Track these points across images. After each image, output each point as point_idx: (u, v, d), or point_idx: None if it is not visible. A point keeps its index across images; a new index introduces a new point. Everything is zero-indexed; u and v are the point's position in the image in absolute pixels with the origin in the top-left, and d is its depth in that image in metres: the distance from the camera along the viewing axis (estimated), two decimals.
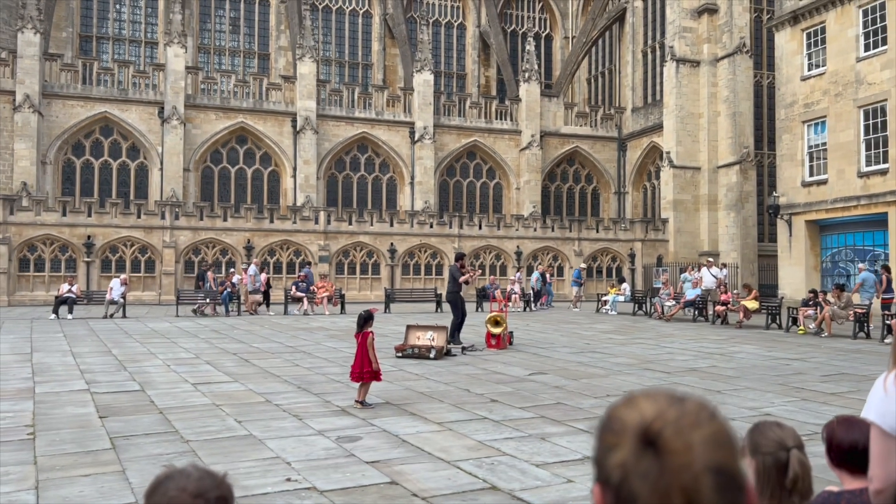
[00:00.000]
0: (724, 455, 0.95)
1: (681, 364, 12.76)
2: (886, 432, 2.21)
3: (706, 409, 0.99)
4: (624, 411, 1.00)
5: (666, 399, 0.99)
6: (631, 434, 0.96)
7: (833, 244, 26.89)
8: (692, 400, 1.00)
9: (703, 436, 0.95)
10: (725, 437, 0.98)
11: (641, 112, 42.97)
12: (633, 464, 0.94)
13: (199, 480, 1.45)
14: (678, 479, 0.92)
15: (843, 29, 25.56)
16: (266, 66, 43.82)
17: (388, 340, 15.56)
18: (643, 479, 0.93)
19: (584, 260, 37.04)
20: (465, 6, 48.45)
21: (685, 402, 0.99)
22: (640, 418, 0.97)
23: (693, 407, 0.98)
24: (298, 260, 32.62)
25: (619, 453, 0.96)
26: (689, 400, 1.00)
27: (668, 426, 0.95)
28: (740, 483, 0.96)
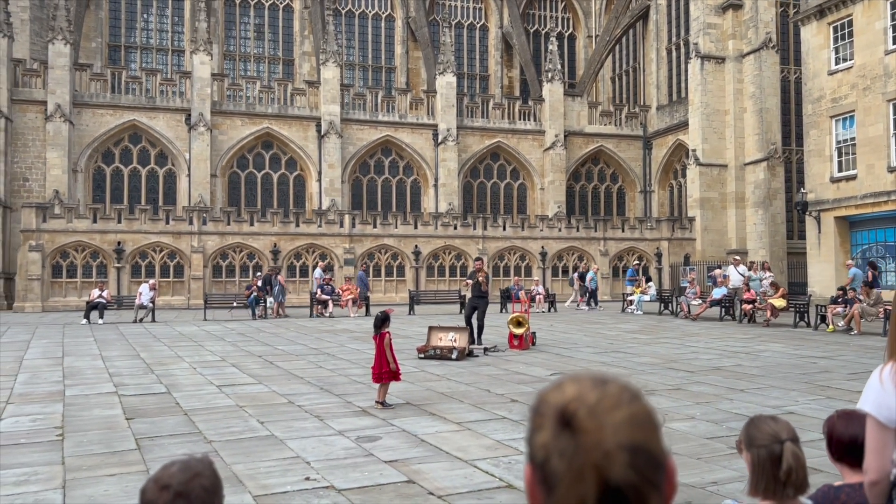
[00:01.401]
0: (642, 434, 1.00)
1: (705, 363, 12.66)
2: (882, 424, 2.22)
3: (628, 391, 1.04)
4: (550, 394, 1.05)
5: (590, 382, 1.04)
6: (551, 415, 1.01)
7: (863, 240, 26.42)
8: (616, 383, 1.04)
9: (621, 416, 0.99)
10: (644, 417, 1.02)
11: (666, 110, 42.60)
12: (552, 443, 1.00)
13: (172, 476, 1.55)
14: (590, 456, 0.97)
15: (870, 22, 25.12)
16: (290, 72, 44.27)
17: (412, 342, 15.64)
18: (561, 457, 0.98)
19: (610, 260, 36.83)
20: (487, 7, 48.46)
21: (608, 385, 1.03)
22: (561, 400, 1.02)
23: (615, 389, 1.03)
24: (324, 263, 32.87)
25: (542, 434, 1.02)
26: (612, 383, 1.04)
27: (583, 407, 0.99)
28: (657, 461, 1.01)
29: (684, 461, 6.32)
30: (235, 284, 31.11)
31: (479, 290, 15.07)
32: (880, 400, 2.21)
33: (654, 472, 1.00)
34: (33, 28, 37.60)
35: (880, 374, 2.25)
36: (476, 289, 15.12)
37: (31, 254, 28.71)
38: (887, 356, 2.31)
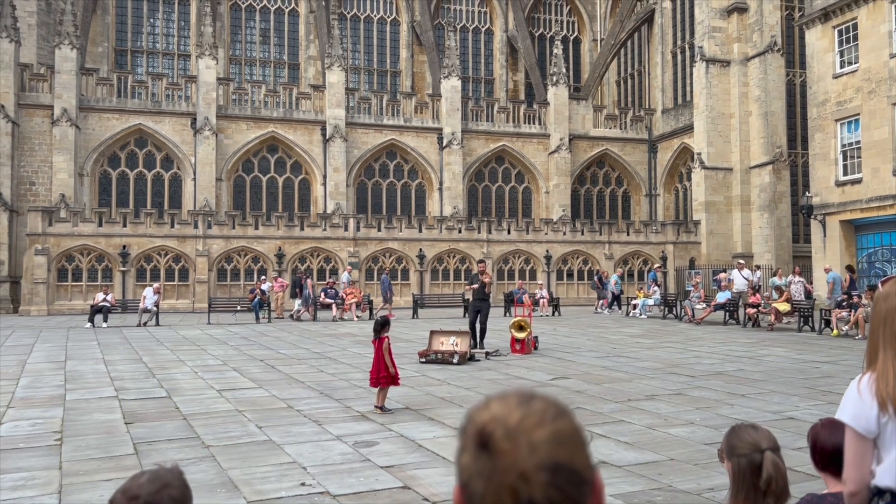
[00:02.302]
0: (565, 452, 0.99)
1: (707, 368, 12.61)
2: (861, 435, 2.20)
3: (553, 408, 1.03)
4: (475, 414, 1.05)
5: (515, 400, 1.03)
6: (471, 436, 1.01)
7: (869, 244, 26.29)
8: (541, 400, 1.04)
9: (543, 435, 0.99)
10: (568, 434, 1.02)
11: (672, 113, 42.53)
12: (472, 465, 1.00)
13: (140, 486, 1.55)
14: (506, 478, 0.96)
15: (875, 25, 25.03)
16: (296, 76, 44.41)
17: (414, 346, 15.65)
18: (479, 479, 0.98)
19: (616, 263, 36.74)
20: (492, 11, 48.52)
21: (533, 403, 1.03)
22: (481, 421, 1.02)
23: (540, 407, 1.02)
24: (329, 267, 32.95)
25: (465, 455, 1.02)
26: (538, 400, 1.04)
27: (500, 428, 0.99)
28: (582, 478, 1.00)
29: (681, 467, 6.30)
30: (240, 288, 31.18)
31: (482, 293, 15.08)
32: (858, 410, 2.20)
33: (578, 490, 0.99)
34: (40, 33, 37.84)
35: (858, 383, 2.23)
36: (479, 292, 15.13)
37: (36, 257, 28.86)
38: (866, 365, 2.30)
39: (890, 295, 2.26)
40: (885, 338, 2.23)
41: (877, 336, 2.26)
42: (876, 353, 2.26)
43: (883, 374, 2.19)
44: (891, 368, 2.18)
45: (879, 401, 2.16)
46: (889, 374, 2.17)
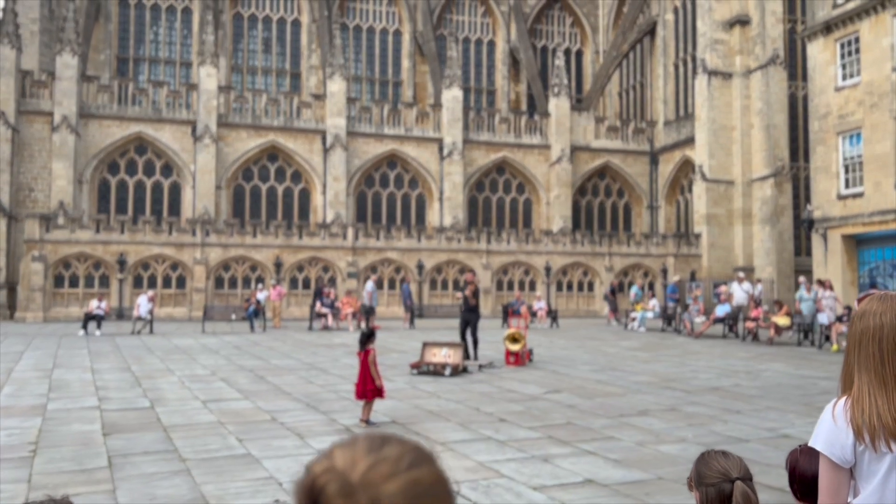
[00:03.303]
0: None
1: (703, 383, 12.40)
2: (835, 464, 2.03)
3: (410, 454, 0.86)
4: (315, 463, 0.87)
5: (365, 446, 0.86)
6: (302, 491, 0.83)
7: (871, 259, 26.06)
8: (396, 444, 0.86)
9: (395, 488, 0.81)
10: (428, 486, 0.84)
11: (673, 125, 42.42)
12: None
13: None
14: None
15: (877, 38, 24.90)
16: (298, 85, 44.43)
17: (408, 357, 15.48)
18: None
19: (616, 275, 36.51)
20: (494, 23, 48.55)
21: (384, 449, 0.85)
22: (314, 473, 0.84)
23: (393, 453, 0.85)
24: (327, 276, 32.79)
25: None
26: (391, 445, 0.86)
27: (333, 482, 0.81)
28: None
29: (670, 486, 6.10)
30: (238, 297, 31.02)
31: (468, 304, 14.92)
32: (833, 438, 2.02)
33: None
34: (43, 40, 37.91)
35: (833, 408, 2.06)
36: (465, 303, 14.98)
37: (33, 264, 28.75)
38: (841, 388, 2.12)
39: (866, 314, 2.08)
40: (860, 360, 2.05)
41: (852, 358, 2.09)
42: (851, 376, 2.08)
43: (858, 400, 2.01)
44: (867, 393, 2.00)
45: (854, 428, 1.99)
46: (865, 399, 2.00)
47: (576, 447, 7.55)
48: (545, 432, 8.26)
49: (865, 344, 2.05)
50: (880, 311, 2.06)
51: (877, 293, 2.16)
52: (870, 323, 2.06)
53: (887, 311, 2.06)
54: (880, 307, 2.07)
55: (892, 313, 2.04)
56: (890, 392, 1.99)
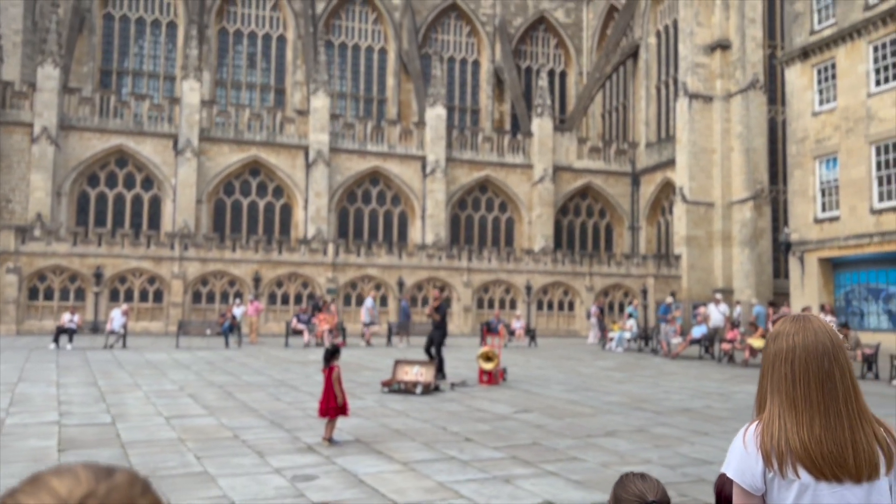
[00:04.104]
0: None
1: (674, 404, 12.38)
2: (746, 491, 1.99)
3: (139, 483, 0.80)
4: (24, 497, 0.80)
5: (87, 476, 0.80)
6: None
7: (847, 282, 26.29)
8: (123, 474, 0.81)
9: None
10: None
11: (655, 147, 42.78)
12: None
13: None
14: None
15: (853, 65, 25.31)
16: (282, 101, 44.44)
17: (382, 374, 15.35)
18: None
19: (596, 295, 36.58)
20: (479, 43, 48.91)
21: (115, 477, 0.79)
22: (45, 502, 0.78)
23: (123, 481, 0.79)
24: (306, 292, 32.60)
25: None
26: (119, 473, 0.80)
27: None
28: None
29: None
30: (215, 312, 30.73)
31: (433, 321, 14.90)
32: (743, 464, 1.98)
33: None
34: (25, 52, 37.71)
35: (745, 434, 2.02)
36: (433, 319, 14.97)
37: (7, 276, 28.36)
38: (755, 412, 2.09)
39: (779, 335, 2.06)
40: (772, 382, 2.02)
41: (765, 381, 2.05)
42: (764, 399, 2.04)
43: (769, 424, 1.97)
44: (776, 418, 1.97)
45: (764, 454, 1.95)
46: (775, 424, 1.96)
47: (539, 468, 7.48)
48: (510, 452, 8.19)
49: (778, 366, 2.02)
50: (793, 332, 2.04)
51: (791, 314, 2.14)
52: (782, 344, 2.03)
53: (799, 332, 2.03)
54: (793, 328, 2.05)
55: (803, 334, 2.02)
56: (800, 415, 1.95)
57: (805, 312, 2.16)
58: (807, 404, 1.95)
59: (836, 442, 1.92)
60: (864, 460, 1.91)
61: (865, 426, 1.96)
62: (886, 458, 1.94)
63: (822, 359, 1.97)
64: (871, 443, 1.94)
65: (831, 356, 1.99)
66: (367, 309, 26.31)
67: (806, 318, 2.08)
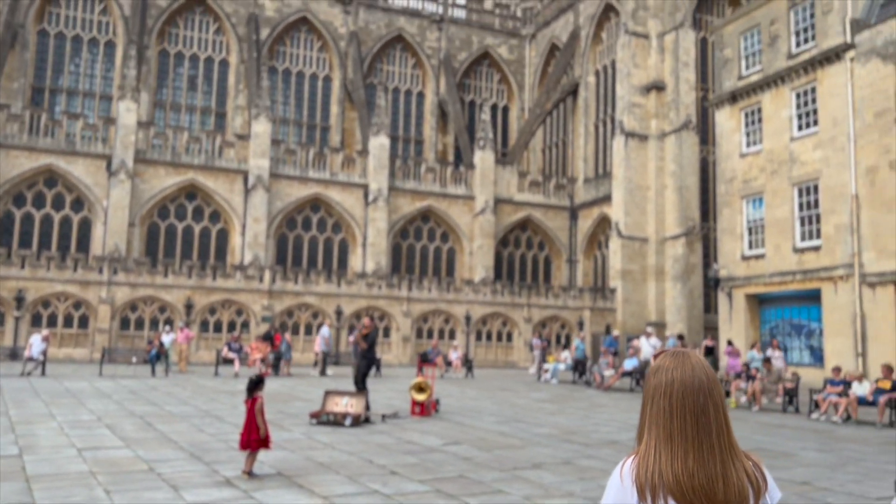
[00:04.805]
0: None
1: (603, 436, 12.50)
2: None
3: None
4: None
5: None
6: None
7: (772, 317, 27.24)
8: None
9: None
10: None
11: (593, 183, 43.80)
12: None
13: None
14: None
15: (777, 110, 26.55)
16: (223, 124, 43.87)
17: (312, 405, 15.06)
18: None
19: (534, 327, 36.92)
20: (424, 75, 49.46)
21: None
22: None
23: None
24: (240, 320, 31.90)
25: None
26: None
27: None
28: None
29: None
30: (144, 339, 29.74)
31: (361, 350, 14.76)
32: (619, 498, 2.00)
33: None
34: None
35: (622, 467, 2.04)
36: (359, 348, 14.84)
37: None
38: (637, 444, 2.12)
39: (659, 369, 2.09)
40: (651, 415, 2.05)
41: (645, 414, 2.09)
42: (643, 432, 2.07)
43: (644, 457, 2.00)
44: (652, 450, 1.99)
45: (638, 487, 1.97)
46: (650, 457, 1.99)
47: (462, 501, 7.42)
48: (434, 486, 8.10)
49: (657, 399, 2.05)
50: (672, 366, 2.08)
51: (671, 349, 2.18)
52: (662, 378, 2.06)
53: (678, 366, 2.07)
54: (672, 363, 2.09)
55: (682, 369, 2.06)
56: (676, 448, 1.98)
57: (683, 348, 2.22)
58: (682, 438, 1.98)
59: (708, 475, 1.95)
60: (734, 493, 1.95)
61: (735, 460, 2.01)
62: (755, 491, 1.99)
63: (697, 394, 2.02)
64: (741, 476, 1.98)
65: (706, 391, 2.03)
66: (322, 338, 26.04)
67: (685, 353, 2.13)
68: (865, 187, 23.01)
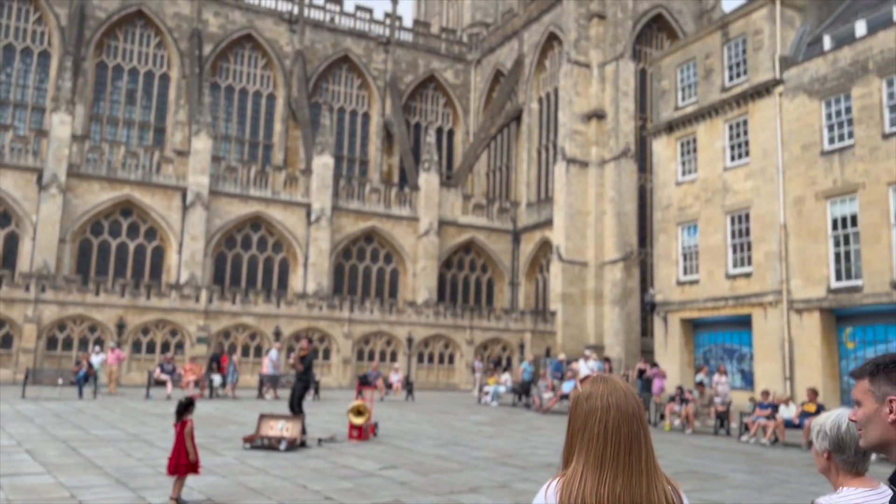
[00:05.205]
0: None
1: (540, 459, 12.57)
2: None
3: None
4: None
5: None
6: None
7: (705, 342, 27.99)
8: None
9: None
10: None
11: (535, 207, 44.44)
12: None
13: None
14: None
15: (711, 140, 27.52)
16: (162, 140, 42.94)
17: (246, 429, 14.70)
18: None
19: (476, 349, 37.02)
20: (370, 96, 49.54)
21: None
22: None
23: None
24: (174, 340, 31.02)
25: None
26: None
27: None
28: None
29: None
30: (73, 359, 28.58)
31: (297, 372, 14.55)
32: None
33: None
34: None
35: (546, 488, 2.06)
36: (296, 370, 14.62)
37: None
38: (561, 466, 2.14)
39: (592, 395, 2.13)
40: (583, 440, 2.08)
41: (574, 438, 2.12)
42: (571, 455, 2.10)
43: (570, 481, 2.03)
44: (580, 473, 2.03)
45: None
46: (576, 479, 2.02)
47: None
48: None
49: (591, 425, 2.08)
50: (605, 393, 2.12)
51: (594, 375, 2.22)
52: (597, 404, 2.10)
53: (612, 392, 2.11)
54: (605, 389, 2.13)
55: (615, 395, 2.11)
56: (605, 473, 2.02)
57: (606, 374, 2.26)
58: (614, 463, 2.03)
59: (633, 499, 2.00)
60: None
61: (658, 484, 2.06)
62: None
63: (631, 420, 2.08)
64: (662, 500, 2.03)
65: (638, 417, 2.10)
66: (271, 361, 25.50)
67: (613, 379, 2.18)
68: (793, 217, 23.99)
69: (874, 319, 22.00)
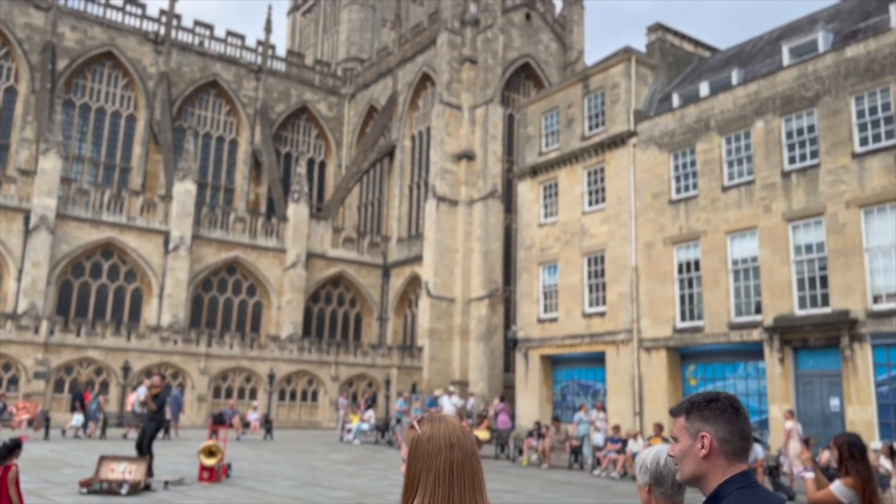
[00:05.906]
0: None
1: (397, 498, 12.41)
2: None
3: None
4: None
5: None
6: None
7: (564, 377, 29.03)
8: None
9: None
10: None
11: (405, 242, 44.73)
12: None
13: None
14: None
15: (571, 185, 28.96)
16: (5, 158, 39.58)
17: (84, 472, 13.54)
18: None
19: (341, 385, 36.36)
20: (239, 123, 48.27)
21: None
22: None
23: None
24: (7, 375, 28.28)
25: None
26: None
27: None
28: None
29: None
30: None
31: (149, 411, 13.67)
32: None
33: None
34: None
35: None
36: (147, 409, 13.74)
37: None
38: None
39: (434, 436, 2.12)
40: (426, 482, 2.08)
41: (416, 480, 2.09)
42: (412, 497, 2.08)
43: None
44: None
45: None
46: None
47: None
48: None
49: (436, 465, 2.08)
50: (447, 432, 2.12)
51: (428, 415, 2.22)
52: (441, 444, 2.10)
53: (453, 432, 2.13)
54: (445, 428, 2.14)
55: (457, 435, 2.12)
56: None
57: (440, 413, 2.27)
58: (460, 500, 2.04)
59: None
60: None
61: None
62: None
63: (471, 458, 2.11)
64: None
65: (476, 455, 2.14)
66: (138, 398, 23.64)
67: (447, 418, 2.19)
68: (644, 260, 25.58)
69: (714, 358, 23.74)
